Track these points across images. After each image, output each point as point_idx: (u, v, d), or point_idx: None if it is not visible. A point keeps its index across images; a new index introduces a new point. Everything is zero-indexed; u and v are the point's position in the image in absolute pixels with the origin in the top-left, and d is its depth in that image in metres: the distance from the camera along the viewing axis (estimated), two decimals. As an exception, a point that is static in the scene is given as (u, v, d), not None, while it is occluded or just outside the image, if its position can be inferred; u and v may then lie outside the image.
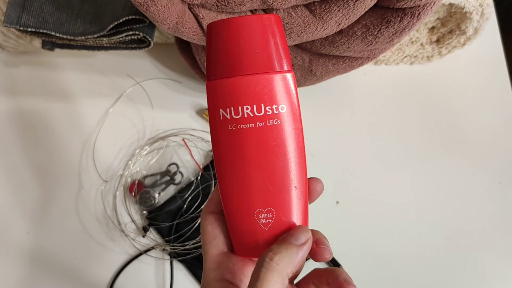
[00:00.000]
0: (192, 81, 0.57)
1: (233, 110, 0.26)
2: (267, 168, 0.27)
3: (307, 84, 0.52)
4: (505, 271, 0.50)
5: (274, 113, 0.26)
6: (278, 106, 0.26)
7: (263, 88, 0.26)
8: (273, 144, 0.26)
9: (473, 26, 0.50)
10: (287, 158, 0.27)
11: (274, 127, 0.26)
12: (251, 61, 0.26)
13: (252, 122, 0.26)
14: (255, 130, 0.26)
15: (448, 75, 0.59)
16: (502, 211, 0.53)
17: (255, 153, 0.27)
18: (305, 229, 0.27)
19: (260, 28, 0.26)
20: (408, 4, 0.38)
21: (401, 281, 0.49)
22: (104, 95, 0.55)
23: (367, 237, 0.51)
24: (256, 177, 0.27)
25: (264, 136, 0.26)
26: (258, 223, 0.27)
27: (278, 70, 0.26)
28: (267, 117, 0.26)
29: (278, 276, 0.24)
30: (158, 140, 0.54)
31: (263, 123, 0.26)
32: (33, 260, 0.49)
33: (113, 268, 0.49)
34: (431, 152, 0.55)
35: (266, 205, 0.27)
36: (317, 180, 0.29)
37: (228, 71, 0.26)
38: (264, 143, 0.26)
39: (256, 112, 0.26)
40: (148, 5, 0.37)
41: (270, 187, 0.27)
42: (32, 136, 0.54)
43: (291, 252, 0.25)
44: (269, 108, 0.26)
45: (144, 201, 0.50)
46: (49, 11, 0.46)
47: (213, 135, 0.28)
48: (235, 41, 0.26)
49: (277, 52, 0.26)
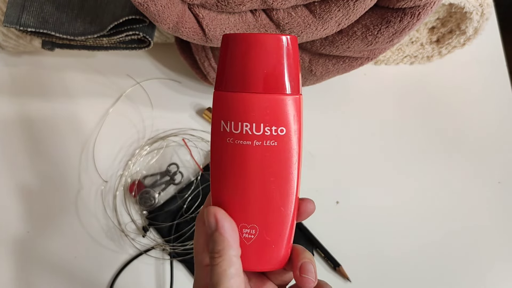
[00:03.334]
0: (192, 81, 0.57)
1: (233, 124, 0.26)
2: (257, 186, 0.27)
3: (307, 84, 0.52)
4: (505, 271, 0.50)
5: (272, 134, 0.26)
6: (277, 128, 0.26)
7: (265, 108, 0.26)
8: (266, 164, 0.27)
9: (473, 26, 0.50)
10: (278, 180, 0.27)
11: (270, 148, 0.26)
12: (258, 80, 0.26)
13: (250, 140, 0.26)
14: (251, 148, 0.26)
15: (448, 75, 0.59)
16: (502, 211, 0.53)
17: (248, 169, 0.27)
18: (209, 213, 0.27)
19: (275, 49, 0.26)
20: (408, 4, 0.38)
21: (401, 281, 0.49)
22: (104, 95, 0.55)
23: (367, 237, 0.51)
24: (246, 192, 0.27)
25: (258, 155, 0.26)
26: (241, 236, 0.27)
27: (285, 93, 0.26)
28: (265, 137, 0.26)
29: (224, 263, 0.26)
30: (158, 140, 0.54)
31: (260, 143, 0.26)
32: (33, 260, 0.49)
33: (113, 268, 0.49)
34: (431, 151, 0.55)
35: (250, 221, 0.27)
36: (309, 201, 0.29)
37: (235, 85, 0.26)
38: (258, 162, 0.27)
39: (255, 131, 0.26)
40: (148, 5, 0.37)
41: (257, 205, 0.27)
42: (32, 136, 0.54)
43: (216, 239, 0.26)
44: (268, 129, 0.26)
45: (144, 201, 0.50)
46: (49, 11, 0.46)
47: (212, 143, 0.28)
48: (248, 57, 0.26)
49: (286, 74, 0.26)
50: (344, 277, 0.49)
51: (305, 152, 0.54)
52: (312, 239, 0.50)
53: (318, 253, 0.50)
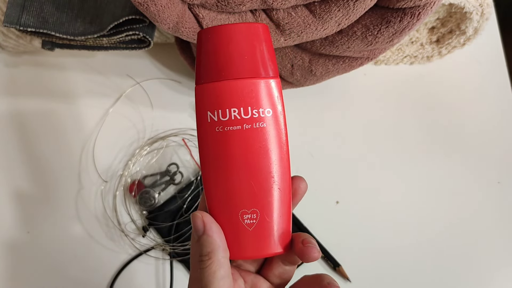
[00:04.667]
0: (192, 81, 0.57)
1: (220, 112, 0.27)
2: (251, 169, 0.28)
3: (307, 84, 0.52)
4: (504, 271, 0.50)
5: (260, 116, 0.27)
6: (264, 110, 0.27)
7: (250, 92, 0.27)
8: (258, 146, 0.27)
9: (473, 26, 0.50)
10: (271, 160, 0.28)
11: (260, 130, 0.27)
12: (239, 66, 0.27)
13: (239, 124, 0.27)
14: (242, 132, 0.27)
15: (448, 75, 0.59)
16: (502, 211, 0.53)
17: (241, 154, 0.28)
18: (195, 218, 0.27)
19: (249, 36, 0.28)
20: (408, 4, 0.38)
21: (400, 280, 0.49)
22: (104, 95, 0.55)
23: (367, 237, 0.51)
24: (241, 178, 0.28)
25: (250, 138, 0.27)
26: (242, 223, 0.28)
27: (264, 76, 0.27)
28: (253, 120, 0.27)
29: (214, 265, 0.26)
30: (158, 140, 0.54)
31: (249, 126, 0.27)
32: (33, 260, 0.49)
33: (113, 268, 0.49)
34: (430, 151, 0.55)
35: (250, 205, 0.28)
36: (300, 178, 0.30)
37: (217, 75, 0.27)
38: (250, 145, 0.27)
39: (243, 115, 0.27)
40: (148, 5, 0.37)
41: (255, 188, 0.28)
42: (31, 136, 0.54)
43: (204, 243, 0.27)
44: (255, 111, 0.27)
45: (144, 201, 0.50)
46: (49, 11, 0.46)
47: (200, 137, 0.28)
48: (225, 47, 0.27)
49: (264, 59, 0.28)
50: (344, 277, 0.49)
51: (305, 152, 0.54)
52: (312, 239, 0.50)
53: (318, 253, 0.50)
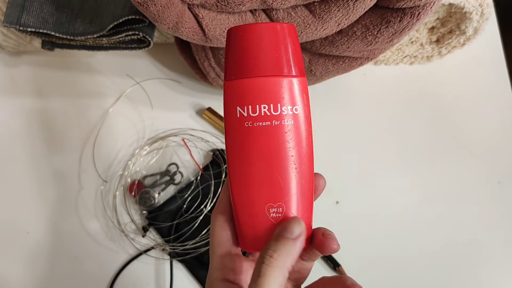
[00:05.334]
0: (192, 81, 0.57)
1: (250, 108, 0.28)
2: (279, 165, 0.28)
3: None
4: (505, 271, 0.50)
5: (289, 113, 0.28)
6: (293, 107, 0.28)
7: (280, 89, 0.28)
8: (285, 142, 0.28)
9: (473, 26, 0.50)
10: (297, 156, 0.28)
11: (288, 126, 0.28)
12: (270, 64, 0.28)
13: (269, 121, 0.28)
14: (270, 128, 0.28)
15: (448, 75, 0.59)
16: (502, 211, 0.53)
17: (269, 149, 0.28)
18: (298, 221, 0.28)
19: (278, 35, 0.28)
20: (408, 4, 0.38)
21: (401, 280, 0.49)
22: (104, 95, 0.55)
23: (367, 237, 0.51)
24: (269, 173, 0.28)
25: (278, 134, 0.28)
26: (268, 217, 0.28)
27: (293, 74, 0.28)
28: (283, 116, 0.28)
29: (279, 271, 0.25)
30: (158, 140, 0.54)
31: (278, 122, 0.28)
32: (33, 260, 0.49)
33: (113, 268, 0.49)
34: (430, 151, 0.55)
35: (277, 199, 0.28)
36: (320, 176, 0.31)
37: (249, 71, 0.28)
38: (278, 141, 0.28)
39: (273, 111, 0.28)
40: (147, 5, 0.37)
41: (281, 183, 0.28)
42: (31, 136, 0.54)
43: (288, 247, 0.26)
44: (284, 108, 0.28)
45: (144, 201, 0.50)
46: (49, 11, 0.46)
47: (228, 132, 0.29)
48: (256, 45, 0.28)
49: (293, 58, 0.28)
50: (344, 277, 0.49)
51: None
52: (312, 239, 0.50)
53: (318, 253, 0.50)
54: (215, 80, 0.52)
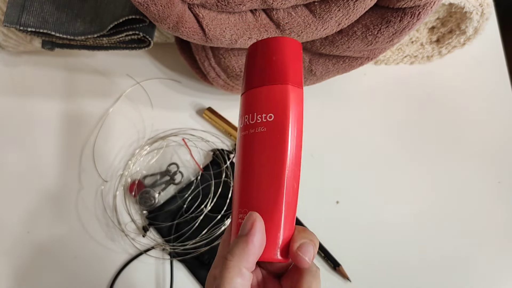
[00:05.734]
0: (192, 81, 0.57)
1: (243, 119, 0.30)
2: (249, 172, 0.29)
3: (307, 84, 0.52)
4: (504, 271, 0.50)
5: (262, 121, 0.28)
6: (267, 115, 0.28)
7: (256, 99, 0.29)
8: (257, 150, 0.28)
9: (473, 26, 0.50)
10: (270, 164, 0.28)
11: (261, 134, 0.28)
12: (253, 78, 0.30)
13: (246, 130, 0.29)
14: (248, 137, 0.29)
15: (448, 75, 0.59)
16: (502, 211, 0.53)
17: (244, 158, 0.29)
18: (249, 216, 0.27)
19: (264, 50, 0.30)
20: (408, 4, 0.38)
21: (401, 280, 0.49)
22: (104, 95, 0.55)
23: (367, 237, 0.51)
24: (242, 180, 0.29)
25: (249, 143, 0.29)
26: (238, 222, 0.29)
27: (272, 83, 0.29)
28: (256, 125, 0.29)
29: (234, 271, 0.25)
30: (158, 140, 0.54)
31: (253, 130, 0.29)
32: (33, 260, 0.49)
33: (113, 268, 0.49)
34: (430, 151, 0.55)
35: (242, 206, 0.29)
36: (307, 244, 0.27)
37: (244, 86, 0.30)
38: (250, 149, 0.29)
39: (250, 121, 0.29)
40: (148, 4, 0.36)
41: (249, 190, 0.28)
42: (31, 136, 0.54)
43: (240, 245, 0.26)
44: (259, 117, 0.29)
45: (144, 201, 0.50)
46: (49, 10, 0.46)
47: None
48: (248, 61, 0.31)
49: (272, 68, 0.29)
50: (344, 277, 0.49)
51: (305, 152, 0.54)
52: (312, 239, 0.50)
53: (318, 253, 0.50)
54: (215, 80, 0.52)
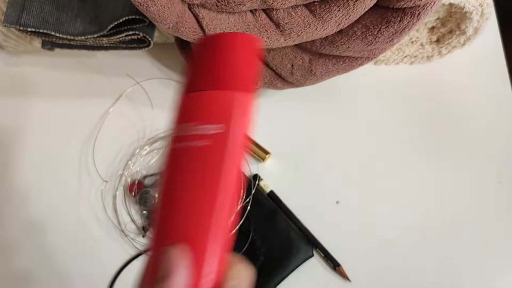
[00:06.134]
0: (192, 81, 0.57)
1: (184, 127, 0.24)
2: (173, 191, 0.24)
3: (307, 84, 0.52)
4: (504, 271, 0.50)
5: (204, 134, 0.22)
6: (210, 127, 0.22)
7: (193, 105, 0.23)
8: (195, 170, 0.22)
9: (473, 26, 0.50)
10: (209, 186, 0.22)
11: (199, 149, 0.22)
12: (195, 80, 0.25)
13: (181, 142, 0.23)
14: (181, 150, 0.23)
15: (448, 75, 0.59)
16: (502, 211, 0.53)
17: (180, 176, 0.23)
18: (171, 254, 0.22)
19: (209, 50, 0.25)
20: (408, 4, 0.38)
21: (401, 280, 0.49)
22: (104, 95, 0.55)
23: (367, 237, 0.51)
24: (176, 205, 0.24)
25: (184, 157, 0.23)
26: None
27: (207, 88, 0.23)
28: (196, 137, 0.22)
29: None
30: (158, 140, 0.54)
31: (190, 144, 0.22)
32: (33, 260, 0.49)
33: (113, 268, 0.49)
34: (430, 151, 0.55)
35: (168, 237, 0.24)
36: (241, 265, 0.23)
37: (186, 87, 0.25)
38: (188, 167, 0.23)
39: (187, 131, 0.23)
40: (148, 5, 0.37)
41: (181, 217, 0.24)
42: (31, 136, 0.54)
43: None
44: (200, 128, 0.22)
45: (144, 201, 0.50)
46: (49, 11, 0.46)
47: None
48: (201, 57, 0.25)
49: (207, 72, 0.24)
50: (344, 277, 0.49)
51: (305, 152, 0.54)
52: (312, 239, 0.50)
53: (318, 253, 0.50)
54: (215, 80, 0.52)
